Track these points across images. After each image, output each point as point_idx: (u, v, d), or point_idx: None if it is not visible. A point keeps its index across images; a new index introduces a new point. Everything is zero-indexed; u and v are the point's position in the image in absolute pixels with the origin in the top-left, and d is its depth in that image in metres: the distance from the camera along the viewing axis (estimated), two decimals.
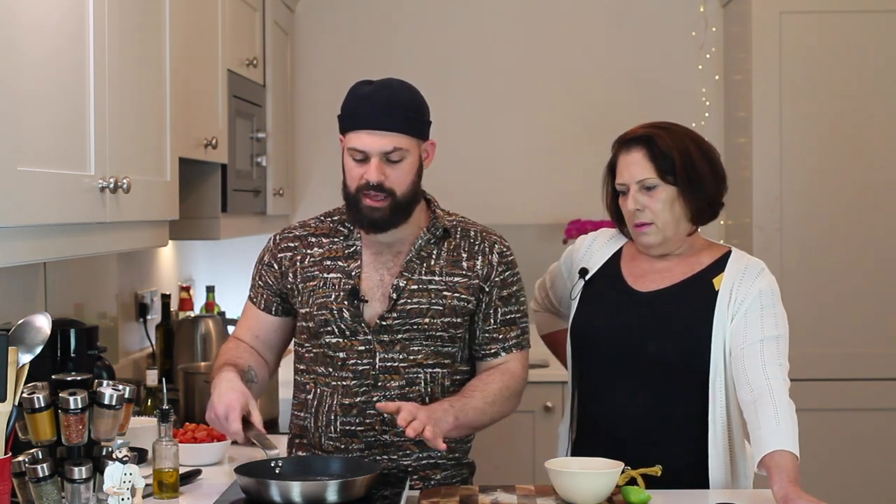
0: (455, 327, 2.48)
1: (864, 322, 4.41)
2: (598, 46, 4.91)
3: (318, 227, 2.57)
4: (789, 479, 2.24)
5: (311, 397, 2.52)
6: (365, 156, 2.40)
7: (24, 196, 1.98)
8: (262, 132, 3.97)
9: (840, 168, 4.42)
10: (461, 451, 2.56)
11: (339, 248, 2.52)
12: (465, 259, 2.50)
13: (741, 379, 2.44)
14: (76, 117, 2.23)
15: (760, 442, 2.32)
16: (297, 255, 2.54)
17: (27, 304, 2.83)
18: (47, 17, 2.10)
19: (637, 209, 2.52)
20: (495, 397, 2.46)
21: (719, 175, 2.56)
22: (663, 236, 2.53)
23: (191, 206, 3.42)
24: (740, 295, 2.50)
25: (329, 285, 2.48)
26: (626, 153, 2.54)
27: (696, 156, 2.51)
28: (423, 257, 2.49)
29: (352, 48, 4.92)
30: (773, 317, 2.51)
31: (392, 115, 2.39)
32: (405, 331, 2.45)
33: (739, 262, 2.57)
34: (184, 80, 2.96)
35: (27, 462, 2.12)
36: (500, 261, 2.53)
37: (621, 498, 2.30)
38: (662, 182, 2.50)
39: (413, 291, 2.46)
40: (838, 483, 4.32)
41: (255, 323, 2.61)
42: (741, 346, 2.46)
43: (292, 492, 2.13)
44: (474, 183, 4.87)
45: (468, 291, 2.48)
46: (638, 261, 2.62)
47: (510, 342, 2.54)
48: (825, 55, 4.42)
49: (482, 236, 2.54)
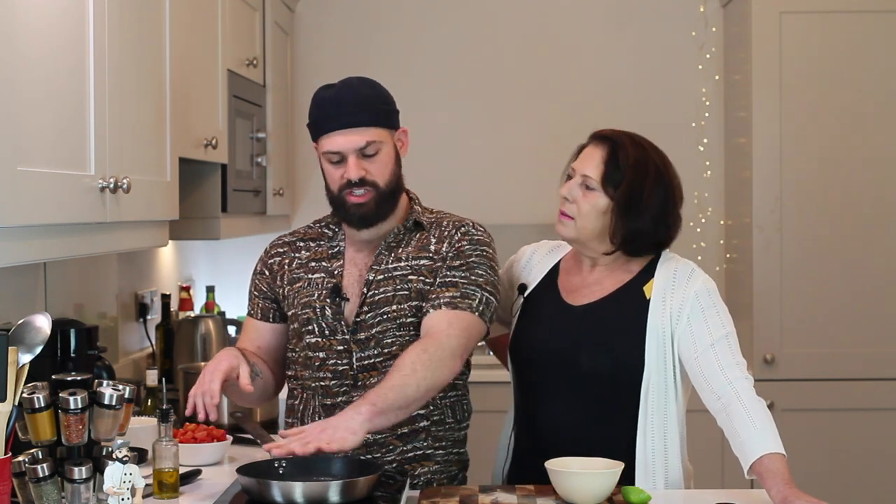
0: (420, 311, 2.46)
1: (864, 322, 4.41)
2: (598, 46, 4.91)
3: (307, 233, 2.62)
4: (784, 481, 2.23)
5: (297, 402, 2.56)
6: (341, 156, 2.44)
7: (24, 196, 1.98)
8: (262, 132, 3.97)
9: (840, 168, 4.42)
10: (449, 440, 2.53)
11: (324, 250, 2.56)
12: (433, 244, 2.51)
13: (704, 388, 2.41)
14: (76, 117, 2.23)
15: (744, 449, 2.31)
16: (285, 260, 2.58)
17: (27, 304, 2.83)
18: (47, 17, 2.10)
19: (567, 199, 2.51)
20: (414, 366, 2.28)
21: (664, 217, 2.49)
22: (577, 235, 2.51)
23: (191, 206, 3.42)
24: (676, 302, 2.47)
25: (313, 285, 2.52)
26: (594, 147, 2.53)
27: (648, 187, 2.47)
28: (391, 247, 2.51)
29: (352, 48, 4.92)
30: (716, 316, 2.46)
31: (358, 111, 2.43)
32: (377, 323, 2.46)
33: (668, 266, 2.53)
34: (184, 80, 2.96)
35: (27, 462, 2.12)
36: (462, 237, 2.50)
37: (621, 498, 2.30)
38: (601, 189, 2.48)
39: (379, 281, 2.48)
40: (837, 483, 4.32)
41: (255, 333, 2.63)
42: (694, 356, 2.43)
43: (294, 492, 2.13)
44: (474, 183, 4.87)
45: (430, 274, 2.48)
46: (572, 274, 2.61)
47: (442, 300, 2.41)
48: (825, 55, 4.42)
49: (454, 224, 2.54)
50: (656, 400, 2.46)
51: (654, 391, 2.46)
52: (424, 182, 3.01)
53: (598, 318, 2.51)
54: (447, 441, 2.54)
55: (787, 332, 4.41)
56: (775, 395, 4.09)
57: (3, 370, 2.01)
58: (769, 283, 4.42)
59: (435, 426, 2.51)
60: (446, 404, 2.53)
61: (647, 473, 2.45)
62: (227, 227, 3.59)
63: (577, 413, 2.50)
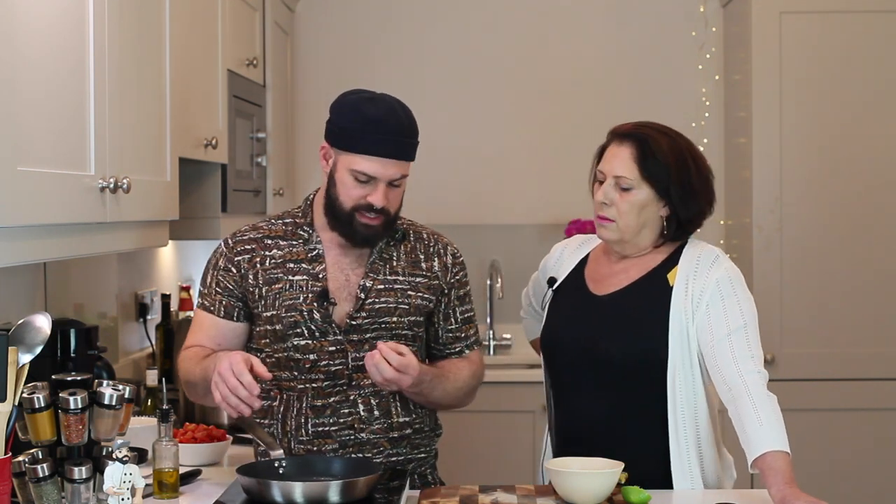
0: (418, 326, 2.55)
1: (864, 322, 4.41)
2: (598, 46, 4.91)
3: (272, 230, 2.57)
4: (784, 479, 2.23)
5: (276, 403, 2.53)
6: (372, 180, 2.43)
7: (24, 196, 1.98)
8: (262, 132, 3.97)
9: (840, 168, 4.42)
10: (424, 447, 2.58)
11: (300, 252, 2.53)
12: (422, 261, 2.57)
13: (717, 378, 2.41)
14: (76, 117, 2.23)
15: (749, 444, 2.30)
16: (255, 258, 2.54)
17: (27, 304, 2.83)
18: (47, 17, 2.10)
19: (604, 202, 2.50)
20: (464, 384, 2.58)
21: (710, 196, 2.54)
22: (620, 236, 2.51)
23: (191, 206, 3.41)
24: (697, 287, 2.46)
25: (296, 287, 2.49)
26: (618, 145, 2.51)
27: (693, 173, 2.49)
28: (385, 258, 2.54)
29: (352, 48, 4.92)
30: (736, 305, 2.45)
31: (404, 143, 2.44)
32: (374, 329, 2.49)
33: (692, 252, 2.53)
34: (184, 80, 2.96)
35: (27, 462, 2.12)
36: (454, 262, 2.61)
37: (621, 498, 2.29)
38: (641, 186, 2.47)
39: (380, 291, 2.50)
40: (838, 483, 4.32)
41: (216, 331, 2.55)
42: (710, 344, 2.42)
43: (294, 492, 2.13)
44: (475, 183, 4.86)
45: (429, 291, 2.56)
46: (599, 264, 2.62)
47: (471, 339, 2.65)
48: (825, 55, 4.42)
49: (434, 238, 2.62)
50: (684, 391, 2.45)
51: (682, 382, 2.45)
52: (425, 182, 3.01)
53: (620, 307, 2.51)
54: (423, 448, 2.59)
55: (787, 332, 4.41)
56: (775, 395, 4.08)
57: (3, 370, 2.01)
58: (769, 283, 4.42)
59: (416, 434, 2.55)
60: (426, 414, 2.59)
61: (682, 464, 2.44)
62: (227, 227, 3.58)
63: (604, 405, 2.50)
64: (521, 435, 4.21)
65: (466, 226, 4.71)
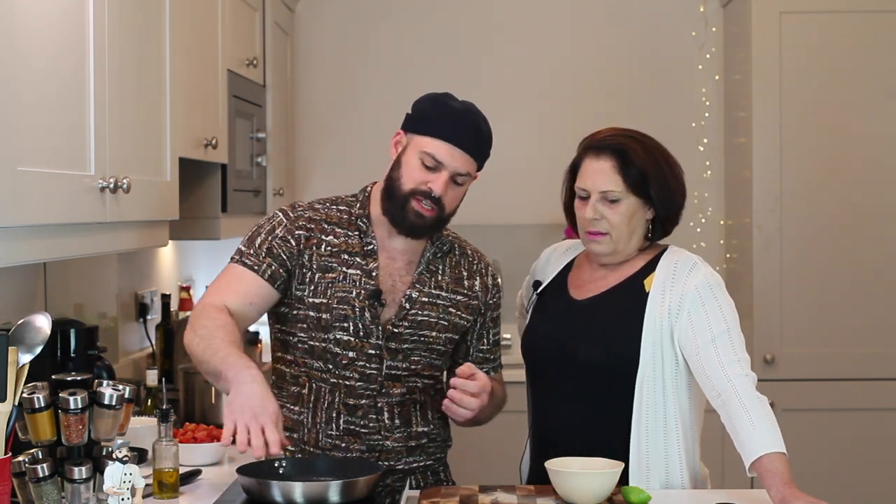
0: (452, 343, 2.56)
1: (864, 322, 4.41)
2: (598, 46, 4.91)
3: (330, 215, 2.52)
4: (783, 481, 2.22)
5: (305, 391, 2.50)
6: (438, 166, 2.44)
7: (24, 196, 1.98)
8: (262, 132, 3.97)
9: (840, 168, 4.42)
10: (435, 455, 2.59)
11: (355, 244, 2.50)
12: (465, 278, 2.58)
13: (706, 384, 2.40)
14: (76, 117, 2.23)
15: (744, 449, 2.29)
16: (312, 238, 2.48)
17: (27, 304, 2.83)
18: (47, 17, 2.10)
19: (595, 218, 2.50)
20: (499, 403, 2.62)
21: (683, 191, 2.55)
22: (615, 248, 2.51)
23: (191, 206, 3.41)
24: (675, 294, 2.46)
25: (349, 280, 2.46)
26: (595, 159, 2.51)
27: (668, 173, 2.51)
28: (431, 271, 2.54)
29: (352, 48, 4.92)
30: (717, 310, 2.44)
31: (480, 143, 2.50)
32: (412, 341, 2.48)
33: (670, 259, 2.52)
34: (184, 80, 2.96)
35: (27, 462, 2.12)
36: (493, 283, 2.64)
37: (621, 498, 2.29)
38: (627, 196, 2.47)
39: (424, 303, 2.50)
40: (838, 483, 4.32)
41: (254, 289, 2.43)
42: (695, 351, 2.42)
43: (294, 492, 2.13)
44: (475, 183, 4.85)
45: (468, 311, 2.57)
46: (582, 269, 2.62)
47: (498, 361, 2.69)
48: (825, 55, 4.42)
49: (478, 256, 2.66)
50: (651, 396, 2.45)
51: (649, 387, 2.45)
52: None
53: (596, 312, 2.52)
54: (435, 457, 2.60)
55: (787, 332, 4.41)
56: (775, 395, 4.06)
57: (3, 370, 2.01)
58: (769, 283, 4.42)
59: (430, 443, 2.56)
60: (442, 426, 2.61)
61: (640, 472, 2.44)
62: (227, 227, 3.59)
63: (576, 408, 2.50)
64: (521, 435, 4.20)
65: (467, 226, 4.68)
